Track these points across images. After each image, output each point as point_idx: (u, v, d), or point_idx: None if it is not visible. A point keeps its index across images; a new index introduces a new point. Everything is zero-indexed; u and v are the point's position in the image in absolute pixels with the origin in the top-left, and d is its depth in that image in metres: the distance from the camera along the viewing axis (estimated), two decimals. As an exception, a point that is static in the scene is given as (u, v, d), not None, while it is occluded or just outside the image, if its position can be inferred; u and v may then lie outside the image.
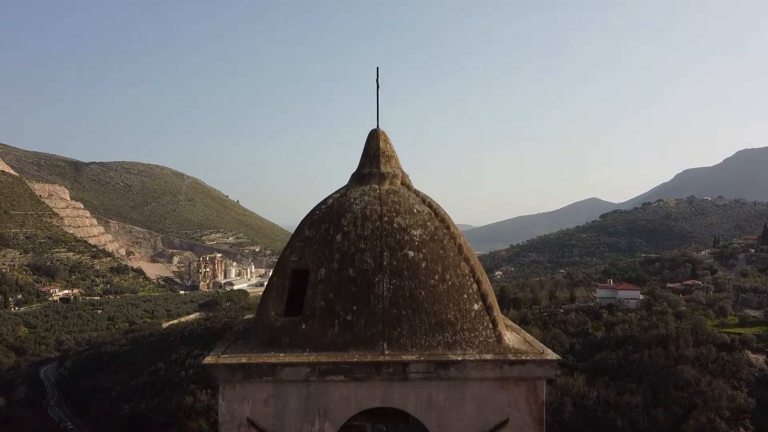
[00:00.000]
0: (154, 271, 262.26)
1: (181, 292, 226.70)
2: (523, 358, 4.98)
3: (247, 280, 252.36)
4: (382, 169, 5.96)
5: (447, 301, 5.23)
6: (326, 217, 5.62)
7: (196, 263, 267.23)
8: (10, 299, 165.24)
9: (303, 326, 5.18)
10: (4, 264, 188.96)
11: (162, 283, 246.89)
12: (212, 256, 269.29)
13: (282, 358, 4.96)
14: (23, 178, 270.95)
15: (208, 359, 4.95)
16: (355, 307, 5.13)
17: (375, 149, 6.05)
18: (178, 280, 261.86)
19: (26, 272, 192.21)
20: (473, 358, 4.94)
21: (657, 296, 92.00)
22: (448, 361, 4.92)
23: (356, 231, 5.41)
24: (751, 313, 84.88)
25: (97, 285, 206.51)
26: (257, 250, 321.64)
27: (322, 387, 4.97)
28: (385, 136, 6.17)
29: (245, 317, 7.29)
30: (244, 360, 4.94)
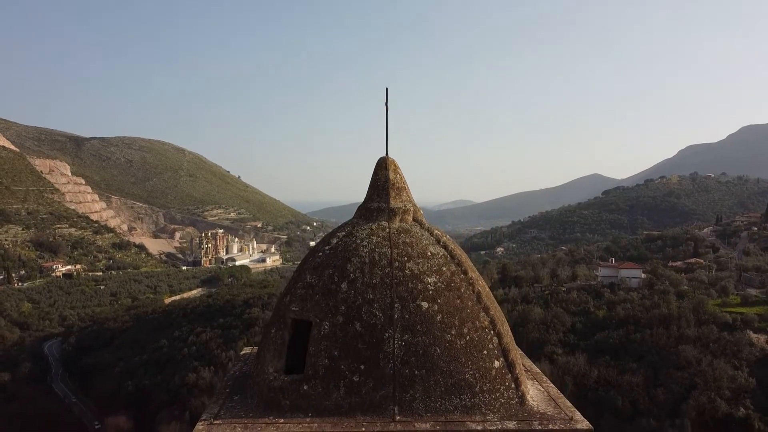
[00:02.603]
0: (156, 246, 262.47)
1: (184, 267, 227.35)
2: (550, 427, 4.46)
3: (249, 255, 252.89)
4: (392, 203, 5.35)
5: (465, 359, 4.70)
6: (330, 261, 5.05)
7: (198, 239, 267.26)
8: (13, 275, 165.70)
9: (305, 387, 4.66)
10: (6, 240, 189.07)
11: (164, 258, 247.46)
12: (214, 231, 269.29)
13: (281, 425, 4.46)
14: (24, 154, 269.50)
15: (199, 427, 4.45)
16: (362, 367, 4.61)
17: (384, 181, 5.43)
18: (180, 255, 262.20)
19: (29, 248, 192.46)
20: (494, 428, 4.43)
21: (659, 275, 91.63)
22: (466, 431, 4.41)
23: (364, 279, 4.85)
24: (753, 292, 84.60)
25: (99, 261, 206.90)
26: (259, 225, 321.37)
27: (326, 458, 4.46)
28: (395, 165, 5.54)
29: (243, 352, 6.77)
30: (239, 429, 4.44)
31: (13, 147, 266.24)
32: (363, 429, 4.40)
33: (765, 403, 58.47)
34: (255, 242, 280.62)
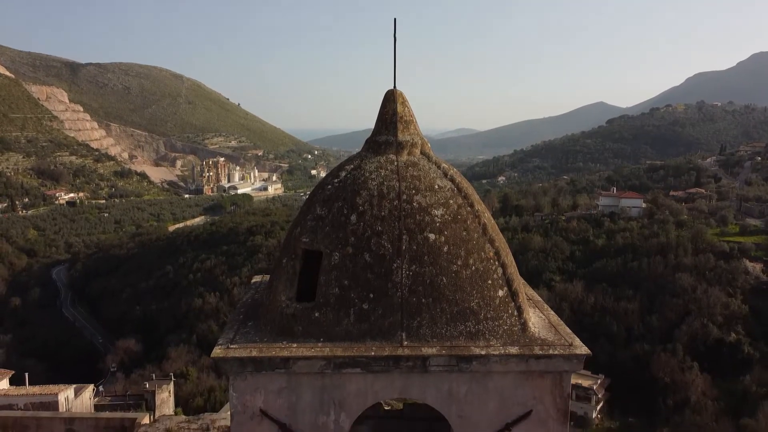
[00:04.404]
0: (157, 174, 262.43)
1: (186, 195, 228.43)
2: (550, 352, 4.71)
3: (251, 184, 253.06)
4: (400, 137, 5.40)
5: (470, 289, 4.89)
6: (339, 193, 5.16)
7: (199, 167, 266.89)
8: (17, 203, 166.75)
9: (316, 314, 4.88)
10: (7, 168, 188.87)
11: (166, 186, 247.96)
12: (215, 160, 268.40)
13: (295, 350, 4.70)
14: (19, 80, 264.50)
15: (217, 351, 4.69)
16: (371, 296, 4.80)
17: (392, 114, 5.45)
18: (182, 183, 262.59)
19: (30, 176, 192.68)
20: (497, 353, 4.68)
21: (659, 205, 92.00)
22: (470, 355, 4.65)
23: (372, 211, 4.97)
24: (753, 222, 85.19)
25: (102, 189, 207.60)
26: (260, 154, 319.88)
27: (338, 379, 4.75)
28: (403, 98, 5.55)
29: (253, 280, 6.99)
30: (254, 353, 4.68)
31: (8, 73, 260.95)
32: (372, 353, 4.65)
33: (756, 328, 60.20)
34: (256, 170, 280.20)
